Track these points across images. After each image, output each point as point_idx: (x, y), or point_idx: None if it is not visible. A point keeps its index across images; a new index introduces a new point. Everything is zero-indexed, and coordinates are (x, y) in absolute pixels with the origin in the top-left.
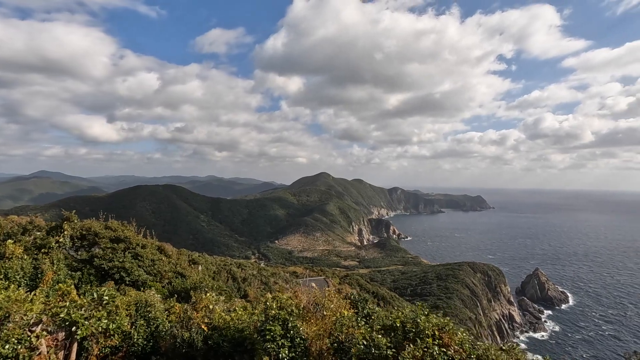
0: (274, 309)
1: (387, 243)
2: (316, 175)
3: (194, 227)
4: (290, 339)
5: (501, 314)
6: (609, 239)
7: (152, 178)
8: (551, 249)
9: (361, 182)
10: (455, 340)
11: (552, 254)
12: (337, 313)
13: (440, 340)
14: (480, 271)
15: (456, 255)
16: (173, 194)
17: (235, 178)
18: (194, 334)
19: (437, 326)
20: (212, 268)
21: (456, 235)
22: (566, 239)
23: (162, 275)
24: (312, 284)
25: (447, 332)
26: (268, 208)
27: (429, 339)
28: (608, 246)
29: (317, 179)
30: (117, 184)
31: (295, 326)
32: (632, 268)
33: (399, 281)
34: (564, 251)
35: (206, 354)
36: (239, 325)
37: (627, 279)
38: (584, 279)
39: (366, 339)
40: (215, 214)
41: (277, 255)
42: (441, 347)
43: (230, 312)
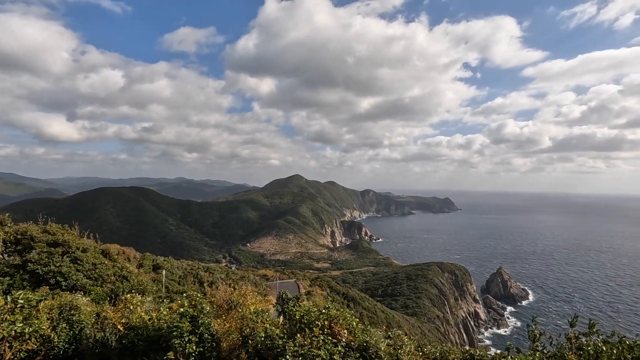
0: (184, 307)
1: (359, 245)
2: (289, 177)
3: (162, 230)
4: (198, 335)
5: (467, 311)
6: (563, 238)
7: (118, 180)
8: (513, 249)
9: (334, 184)
10: (343, 329)
11: (514, 253)
12: (247, 309)
13: (329, 330)
14: (448, 271)
15: (425, 256)
16: (140, 196)
17: (206, 180)
18: (108, 334)
19: (329, 317)
20: (178, 272)
21: (425, 237)
22: (526, 239)
23: (103, 279)
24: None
25: (338, 323)
26: (240, 210)
27: (316, 328)
28: (562, 245)
29: (290, 181)
30: (78, 186)
31: (204, 323)
32: (581, 265)
33: (371, 282)
34: (524, 250)
35: (121, 353)
36: (157, 325)
37: (577, 275)
38: (541, 276)
39: (264, 332)
40: (184, 217)
41: (248, 258)
42: (329, 336)
43: (151, 312)
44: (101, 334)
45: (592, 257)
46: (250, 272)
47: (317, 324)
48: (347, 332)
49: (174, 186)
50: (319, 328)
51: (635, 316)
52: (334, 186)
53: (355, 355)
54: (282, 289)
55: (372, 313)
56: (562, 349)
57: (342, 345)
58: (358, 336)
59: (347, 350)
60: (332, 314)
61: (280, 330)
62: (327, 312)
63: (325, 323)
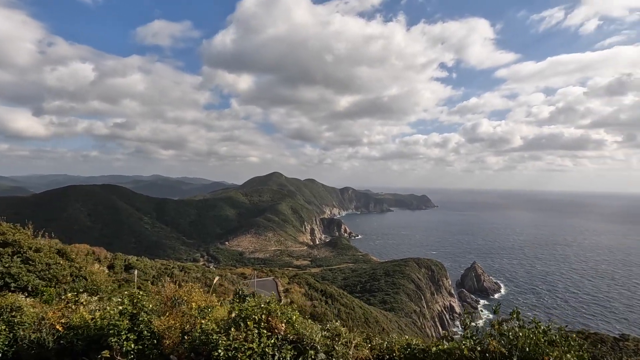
0: (124, 305)
1: (338, 242)
2: (268, 174)
3: (136, 229)
4: (138, 333)
5: (443, 305)
6: (532, 234)
7: (89, 178)
8: (486, 244)
9: (314, 181)
10: (281, 322)
11: (487, 249)
12: (190, 306)
13: (266, 323)
14: (425, 266)
15: (403, 252)
16: (113, 195)
17: (183, 178)
18: (45, 334)
19: (266, 312)
20: (152, 272)
21: (403, 233)
22: (498, 235)
23: (58, 279)
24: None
25: (276, 316)
26: (218, 209)
27: (250, 322)
28: (532, 240)
29: (270, 179)
30: (46, 184)
31: (143, 320)
32: (549, 259)
33: (350, 279)
34: (496, 245)
35: (59, 353)
36: (99, 324)
37: (545, 268)
38: (512, 270)
39: (200, 328)
40: (160, 215)
41: (227, 257)
42: (265, 329)
43: (95, 312)
44: (37, 335)
45: (559, 251)
46: (228, 270)
47: (253, 318)
48: (286, 325)
49: (149, 184)
50: (255, 322)
51: (596, 306)
52: (314, 184)
53: (288, 347)
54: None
55: (350, 309)
56: (486, 336)
57: (277, 338)
58: (297, 329)
59: (282, 343)
60: (270, 308)
61: (218, 326)
62: (265, 307)
63: (262, 317)
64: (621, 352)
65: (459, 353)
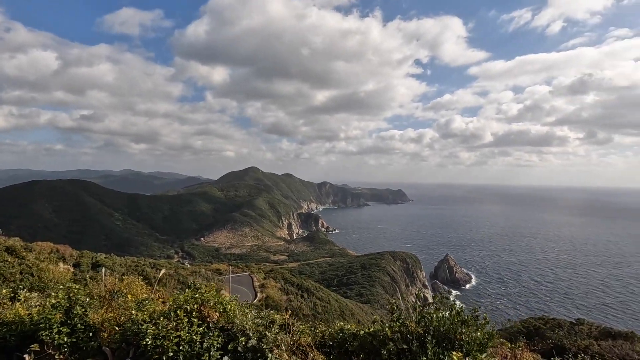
0: (57, 298)
1: (316, 236)
2: (245, 169)
3: (106, 226)
4: (71, 326)
5: (417, 297)
6: (501, 226)
7: (54, 172)
8: (458, 236)
9: (291, 176)
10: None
11: (459, 241)
12: (127, 299)
13: (198, 312)
14: (400, 259)
15: (379, 246)
16: (81, 190)
17: (157, 172)
18: None
19: (199, 301)
20: (121, 270)
21: (379, 227)
22: (470, 227)
23: (5, 277)
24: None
25: (208, 305)
26: (193, 204)
27: (180, 311)
28: (500, 232)
29: (246, 174)
30: (6, 179)
31: (78, 314)
32: (515, 250)
33: (327, 272)
34: (468, 238)
35: None
36: (36, 319)
37: (512, 259)
38: (482, 261)
39: (130, 318)
40: (132, 211)
41: (202, 253)
42: (197, 318)
43: (32, 308)
44: None
45: (525, 243)
46: (202, 267)
47: (185, 308)
48: (220, 314)
49: (119, 179)
50: (186, 312)
51: (557, 293)
52: (291, 178)
53: (215, 333)
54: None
55: (326, 302)
56: (406, 319)
57: (208, 326)
58: (231, 317)
59: (213, 330)
60: (204, 298)
61: (150, 317)
62: (199, 297)
63: (194, 307)
64: (576, 336)
65: (383, 335)
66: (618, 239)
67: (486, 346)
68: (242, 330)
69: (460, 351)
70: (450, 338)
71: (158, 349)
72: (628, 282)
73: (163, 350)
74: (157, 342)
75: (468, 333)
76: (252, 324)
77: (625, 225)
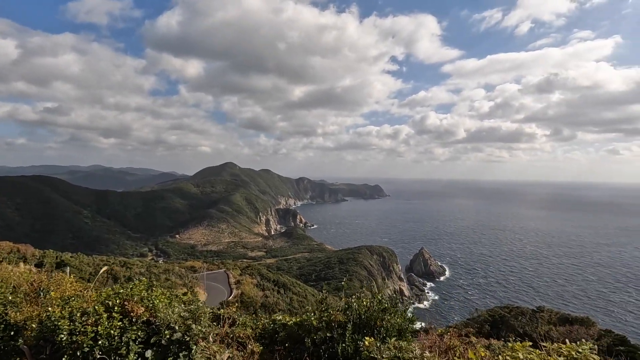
0: None
1: (293, 232)
2: (222, 165)
3: (74, 224)
4: None
5: (393, 289)
6: (472, 220)
7: (17, 168)
8: (432, 230)
9: (269, 172)
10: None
11: (434, 234)
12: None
13: (121, 308)
14: (376, 253)
15: (356, 240)
16: (46, 187)
17: (128, 168)
18: None
19: (123, 296)
20: (89, 269)
21: (356, 222)
22: (443, 221)
23: None
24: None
25: (132, 301)
26: (167, 200)
27: (99, 307)
28: (472, 226)
29: (223, 169)
30: None
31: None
32: (485, 243)
33: (305, 268)
34: (442, 231)
35: None
36: None
37: (483, 251)
38: (455, 254)
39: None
40: (102, 208)
41: (178, 250)
42: (120, 313)
43: None
44: None
45: (495, 235)
46: (176, 264)
47: (106, 304)
48: (145, 308)
49: (88, 174)
50: (107, 307)
51: (522, 283)
52: (269, 174)
53: (137, 327)
54: (193, 279)
55: (303, 297)
56: (332, 308)
57: (131, 321)
58: (156, 311)
59: (135, 325)
60: (128, 293)
61: (71, 313)
62: (124, 292)
63: (117, 302)
64: (537, 322)
65: (309, 324)
66: (579, 231)
67: (406, 331)
68: (167, 323)
69: (379, 337)
70: (370, 325)
71: (74, 344)
72: (586, 270)
73: (78, 346)
74: (72, 338)
75: (387, 319)
76: (178, 317)
77: (586, 217)
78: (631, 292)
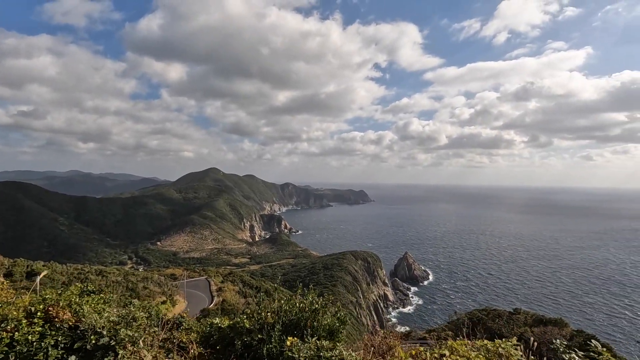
0: None
1: (278, 238)
2: (205, 170)
3: (49, 232)
4: None
5: (378, 295)
6: (454, 224)
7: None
8: (416, 235)
9: (253, 177)
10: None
11: (417, 239)
12: None
13: (45, 314)
14: (361, 258)
15: (341, 246)
16: (19, 193)
17: (108, 174)
18: None
19: (47, 303)
20: (61, 278)
21: (341, 227)
22: (427, 226)
23: None
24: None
25: (57, 307)
26: (149, 206)
27: (18, 312)
28: (454, 230)
29: (206, 175)
30: None
31: None
32: (466, 246)
33: (289, 274)
34: (425, 236)
35: None
36: None
37: (464, 255)
38: (437, 258)
39: None
40: (80, 215)
41: (159, 258)
42: (43, 319)
43: None
44: None
45: (475, 239)
46: (155, 272)
47: (29, 309)
48: (72, 314)
49: (65, 180)
50: (29, 312)
51: (501, 285)
52: (253, 180)
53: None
54: (172, 287)
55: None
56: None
57: (54, 327)
58: (82, 316)
59: (57, 330)
60: (53, 299)
61: None
62: (50, 298)
63: (40, 307)
64: (513, 324)
65: (241, 327)
66: (555, 234)
67: (338, 332)
68: (93, 328)
69: (307, 337)
70: (300, 326)
71: None
72: (562, 273)
73: None
74: None
75: (318, 320)
76: (106, 322)
77: (561, 221)
78: (603, 293)
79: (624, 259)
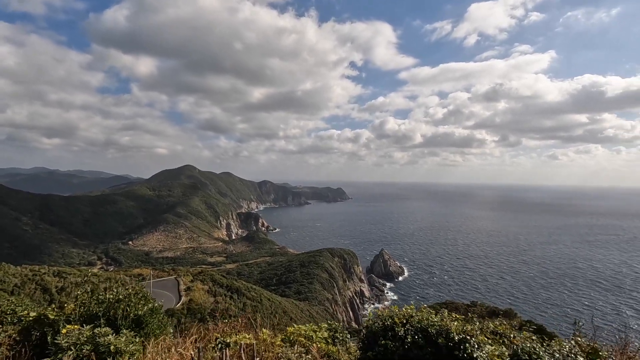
0: None
1: (255, 236)
2: (180, 167)
3: (11, 232)
4: None
5: (354, 291)
6: (429, 221)
7: None
8: (392, 232)
9: (230, 175)
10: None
11: (393, 236)
12: None
13: None
14: (338, 255)
15: (318, 243)
16: None
17: (76, 171)
18: None
19: None
20: (14, 280)
21: (319, 225)
22: (403, 223)
23: None
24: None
25: None
26: (119, 205)
27: None
28: (429, 227)
29: (181, 172)
30: None
31: None
32: (439, 242)
33: (266, 272)
34: (401, 232)
35: None
36: None
37: (437, 251)
38: (412, 254)
39: None
40: (45, 214)
41: (131, 258)
42: None
43: None
44: None
45: (448, 236)
46: (121, 272)
47: None
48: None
49: (30, 177)
50: None
51: (471, 280)
52: (230, 177)
53: None
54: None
55: (258, 302)
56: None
57: None
58: None
59: None
60: None
61: None
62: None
63: None
64: (471, 317)
65: (45, 318)
66: (521, 230)
67: (148, 322)
68: None
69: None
70: (107, 315)
71: None
72: (520, 267)
73: None
74: None
75: (122, 309)
76: None
77: (528, 217)
78: (557, 285)
79: (578, 253)
